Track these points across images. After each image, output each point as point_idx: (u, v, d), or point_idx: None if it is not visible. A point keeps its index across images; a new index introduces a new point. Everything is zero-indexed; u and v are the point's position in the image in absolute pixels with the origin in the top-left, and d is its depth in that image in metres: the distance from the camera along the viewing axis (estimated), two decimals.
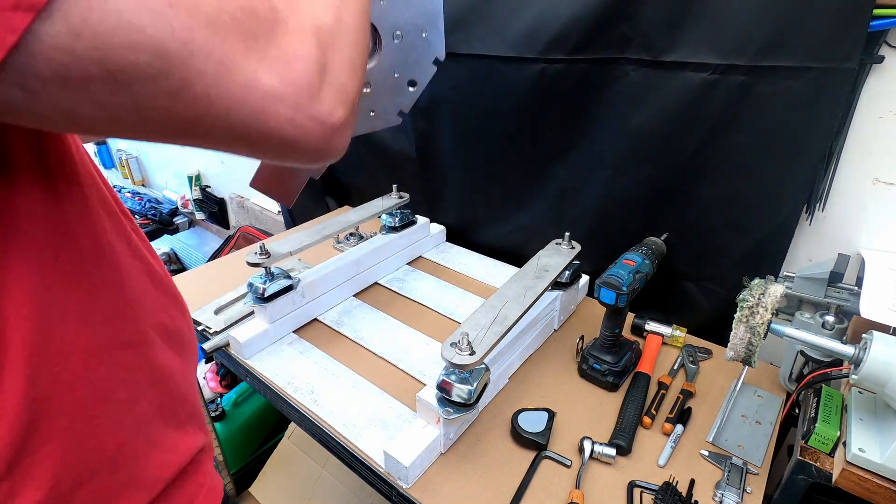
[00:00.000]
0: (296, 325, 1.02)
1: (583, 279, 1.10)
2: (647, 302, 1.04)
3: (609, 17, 0.90)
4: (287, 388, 0.88)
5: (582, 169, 1.08)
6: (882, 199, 0.84)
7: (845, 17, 0.74)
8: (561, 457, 0.77)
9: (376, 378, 0.90)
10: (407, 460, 0.71)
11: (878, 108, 0.80)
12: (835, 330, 0.80)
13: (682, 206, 0.99)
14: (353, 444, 0.79)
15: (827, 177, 0.86)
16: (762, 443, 0.79)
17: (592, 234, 1.10)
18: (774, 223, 0.92)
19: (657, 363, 0.95)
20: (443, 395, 0.73)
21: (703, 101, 0.88)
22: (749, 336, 0.67)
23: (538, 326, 0.97)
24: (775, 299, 0.68)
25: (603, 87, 0.98)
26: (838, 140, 0.83)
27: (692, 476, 0.75)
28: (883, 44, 0.76)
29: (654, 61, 0.90)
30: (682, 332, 0.99)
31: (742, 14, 0.80)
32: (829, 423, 0.67)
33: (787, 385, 0.88)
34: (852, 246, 0.89)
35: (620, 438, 0.78)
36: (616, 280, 0.83)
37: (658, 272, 0.92)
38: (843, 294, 0.83)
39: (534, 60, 1.00)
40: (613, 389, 0.89)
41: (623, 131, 0.99)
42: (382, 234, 1.20)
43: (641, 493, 0.73)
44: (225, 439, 1.39)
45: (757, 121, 0.86)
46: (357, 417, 0.83)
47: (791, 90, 0.81)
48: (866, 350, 0.60)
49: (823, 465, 0.66)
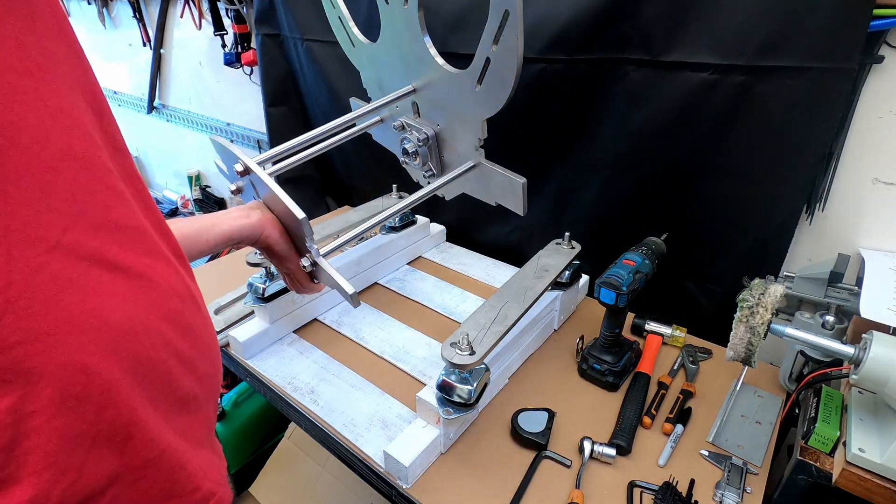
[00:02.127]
0: (296, 325, 1.02)
1: (583, 279, 1.10)
2: (647, 302, 1.04)
3: (609, 17, 0.90)
4: (287, 388, 0.88)
5: (582, 169, 1.08)
6: (882, 199, 0.84)
7: (845, 17, 0.74)
8: (561, 457, 0.77)
9: (376, 378, 0.90)
10: (407, 460, 0.71)
11: (878, 108, 0.80)
12: (835, 330, 0.80)
13: (682, 206, 0.99)
14: (353, 444, 0.79)
15: (827, 177, 0.87)
16: (762, 443, 0.79)
17: (592, 234, 1.10)
18: (774, 223, 0.92)
19: (657, 363, 0.95)
20: (443, 395, 0.73)
21: (703, 101, 0.88)
22: (749, 336, 0.67)
23: (538, 326, 0.97)
24: (775, 299, 0.68)
25: (603, 87, 0.98)
26: (838, 140, 0.83)
27: (692, 476, 0.75)
28: (883, 44, 0.76)
29: (654, 61, 0.90)
30: (682, 332, 0.99)
31: (742, 14, 0.80)
32: (829, 423, 0.67)
33: (787, 385, 0.88)
34: (852, 246, 0.89)
35: (620, 438, 0.78)
36: (616, 280, 0.83)
37: (658, 272, 0.92)
38: (843, 294, 0.83)
39: (534, 60, 1.00)
40: (613, 389, 0.89)
41: (623, 131, 0.99)
42: (382, 233, 1.20)
43: (641, 493, 0.73)
44: (225, 439, 1.39)
45: (757, 121, 0.86)
46: (357, 417, 0.83)
47: (791, 90, 0.81)
48: (866, 350, 0.60)
49: (823, 465, 0.66)
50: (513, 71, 0.70)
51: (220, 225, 0.61)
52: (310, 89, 1.50)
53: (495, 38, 0.69)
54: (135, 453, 0.33)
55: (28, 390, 0.28)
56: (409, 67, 0.85)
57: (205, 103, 2.08)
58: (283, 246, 0.65)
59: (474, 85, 0.76)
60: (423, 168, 0.93)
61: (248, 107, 1.84)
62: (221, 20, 1.66)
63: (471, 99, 0.78)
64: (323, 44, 1.36)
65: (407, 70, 0.86)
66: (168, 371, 0.36)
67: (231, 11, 1.59)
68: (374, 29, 0.88)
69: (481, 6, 1.04)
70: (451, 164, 0.91)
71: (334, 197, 1.68)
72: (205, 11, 1.72)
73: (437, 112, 0.87)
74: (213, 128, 2.07)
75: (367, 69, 0.96)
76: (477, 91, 0.76)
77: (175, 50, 2.06)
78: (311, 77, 1.45)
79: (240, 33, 1.62)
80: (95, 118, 0.33)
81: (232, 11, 1.59)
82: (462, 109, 0.81)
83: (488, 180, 0.87)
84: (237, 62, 1.67)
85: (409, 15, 0.78)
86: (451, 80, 0.80)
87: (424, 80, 0.85)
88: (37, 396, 0.28)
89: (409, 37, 0.81)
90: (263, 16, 1.46)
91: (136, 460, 0.33)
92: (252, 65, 1.65)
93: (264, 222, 0.63)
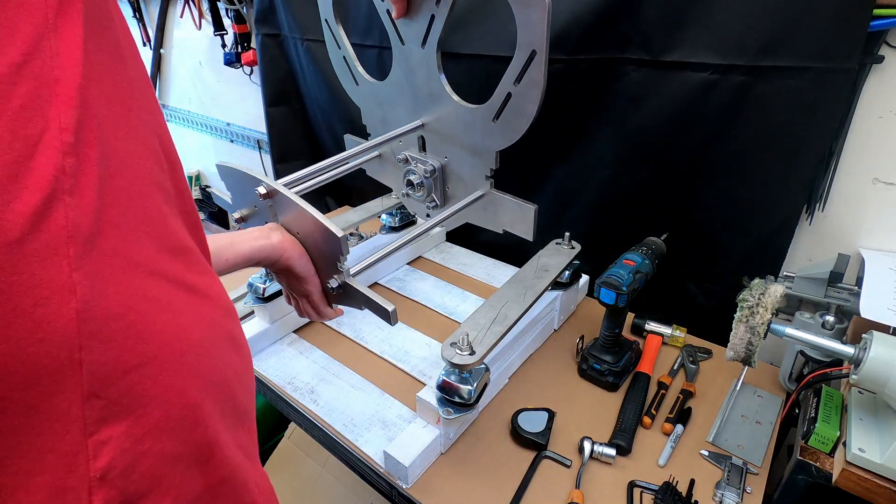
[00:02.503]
0: (296, 325, 1.02)
1: (583, 279, 1.10)
2: (647, 302, 1.04)
3: (609, 16, 0.90)
4: (287, 388, 0.88)
5: (582, 169, 1.08)
6: (882, 199, 0.84)
7: (845, 17, 0.74)
8: (561, 457, 0.77)
9: (376, 378, 0.90)
10: (407, 460, 0.71)
11: (878, 108, 0.80)
12: (835, 330, 0.80)
13: (682, 206, 0.99)
14: (353, 444, 0.79)
15: (827, 177, 0.87)
16: (762, 443, 0.79)
17: (592, 234, 1.10)
18: (774, 223, 0.92)
19: (657, 363, 0.95)
20: (443, 395, 0.73)
21: (703, 101, 0.88)
22: (749, 336, 0.67)
23: (538, 326, 0.97)
24: (775, 299, 0.68)
25: (603, 87, 0.98)
26: (838, 140, 0.83)
27: (692, 476, 0.75)
28: (883, 44, 0.76)
29: (654, 61, 0.90)
30: (682, 332, 0.99)
31: (742, 14, 0.80)
32: (829, 423, 0.67)
33: (787, 385, 0.88)
34: (852, 246, 0.88)
35: (620, 438, 0.78)
36: (616, 280, 0.83)
37: (658, 272, 0.92)
38: (843, 294, 0.83)
39: None
40: (613, 389, 0.89)
41: (623, 131, 0.99)
42: (382, 233, 1.20)
43: (641, 493, 0.73)
44: None
45: (757, 121, 0.86)
46: (357, 417, 0.83)
47: (791, 90, 0.81)
48: (866, 350, 0.60)
49: (823, 465, 0.66)
50: (535, 104, 0.72)
51: (240, 245, 0.60)
52: (310, 89, 1.50)
53: (518, 77, 0.71)
54: (213, 472, 0.33)
55: (140, 413, 0.28)
56: (418, 103, 0.87)
57: (205, 103, 2.08)
58: (304, 267, 0.64)
59: (490, 118, 0.78)
60: (427, 199, 0.95)
61: (248, 107, 1.84)
62: (221, 20, 1.66)
63: (485, 132, 0.80)
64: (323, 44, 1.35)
65: (416, 106, 0.88)
66: (231, 387, 0.36)
67: (231, 11, 1.59)
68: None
69: (481, 6, 1.04)
70: (456, 194, 0.93)
71: (334, 197, 1.68)
72: (205, 11, 1.73)
73: (446, 145, 0.88)
74: (214, 128, 2.07)
75: (370, 106, 0.98)
76: (493, 124, 0.78)
77: (175, 50, 2.06)
78: (311, 77, 1.45)
79: (240, 33, 1.62)
80: (158, 139, 0.34)
81: (232, 11, 1.59)
82: (475, 142, 0.83)
83: (496, 208, 0.89)
84: (237, 62, 1.67)
85: (426, 55, 0.81)
86: (465, 114, 0.82)
87: (435, 114, 0.87)
88: (147, 419, 0.28)
89: (424, 75, 0.83)
90: (263, 16, 1.46)
91: (213, 479, 0.33)
92: (252, 65, 1.65)
93: (285, 243, 0.62)
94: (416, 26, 0.80)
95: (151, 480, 0.29)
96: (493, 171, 0.85)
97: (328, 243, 0.61)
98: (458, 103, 0.82)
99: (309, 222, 0.61)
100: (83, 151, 0.25)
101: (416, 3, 0.78)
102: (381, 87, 0.93)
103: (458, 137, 0.85)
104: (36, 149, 0.23)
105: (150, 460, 0.29)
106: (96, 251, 0.26)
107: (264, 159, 1.90)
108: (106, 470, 0.27)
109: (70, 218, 0.24)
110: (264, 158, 1.90)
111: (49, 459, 0.25)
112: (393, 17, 0.81)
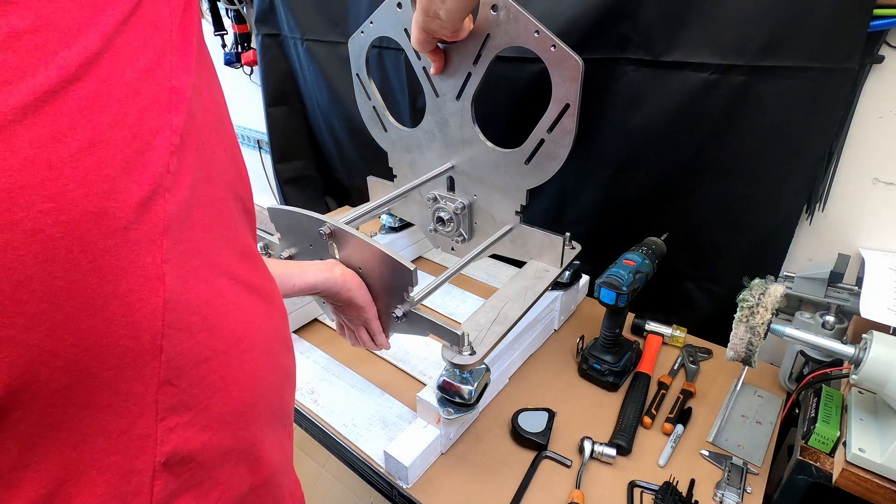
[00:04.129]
0: (296, 325, 1.02)
1: (583, 279, 1.10)
2: (647, 302, 1.04)
3: (609, 16, 0.90)
4: None
5: (582, 169, 1.08)
6: (882, 199, 0.84)
7: (845, 17, 0.74)
8: (561, 457, 0.77)
9: (376, 378, 0.90)
10: (407, 460, 0.71)
11: (878, 108, 0.80)
12: (835, 330, 0.80)
13: (682, 206, 0.99)
14: (353, 444, 0.79)
15: (827, 177, 0.86)
16: (762, 443, 0.79)
17: (592, 234, 1.10)
18: (774, 223, 0.92)
19: (657, 363, 0.95)
20: (443, 395, 0.73)
21: (703, 101, 0.88)
22: (749, 336, 0.67)
23: (538, 326, 0.97)
24: (775, 299, 0.68)
25: (603, 87, 0.98)
26: (838, 140, 0.83)
27: (692, 476, 0.75)
28: (883, 44, 0.76)
29: (654, 61, 0.90)
30: (682, 332, 0.99)
31: (742, 14, 0.80)
32: (829, 423, 0.68)
33: (787, 385, 0.88)
34: (852, 246, 0.88)
35: (620, 438, 0.78)
36: (616, 280, 0.83)
37: (658, 272, 0.92)
38: (843, 294, 0.83)
39: (534, 60, 1.00)
40: (613, 389, 0.89)
41: (623, 131, 0.99)
42: (382, 234, 1.20)
43: (641, 493, 0.73)
44: None
45: (757, 121, 0.86)
46: (357, 417, 0.83)
47: (791, 90, 0.81)
48: (866, 350, 0.60)
49: (823, 465, 0.66)
50: (567, 149, 0.77)
51: (309, 273, 0.64)
52: (310, 89, 1.50)
53: (552, 126, 0.77)
54: (258, 471, 0.34)
55: (204, 405, 0.29)
56: (449, 148, 0.91)
57: None
58: (363, 297, 0.68)
59: (522, 161, 0.82)
60: (455, 234, 0.98)
61: (248, 107, 1.84)
62: (221, 20, 1.66)
63: (517, 173, 0.85)
64: (323, 44, 1.36)
65: (447, 150, 0.92)
66: (280, 388, 0.37)
67: (231, 11, 1.59)
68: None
69: None
70: (483, 228, 0.96)
71: (334, 197, 1.68)
72: (205, 11, 1.72)
73: (475, 184, 0.92)
74: None
75: (398, 151, 1.01)
76: (524, 166, 0.82)
77: None
78: (311, 77, 1.45)
79: (240, 33, 1.61)
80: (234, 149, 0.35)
81: (232, 11, 1.59)
82: (505, 182, 0.87)
83: (524, 241, 0.92)
84: (237, 62, 1.67)
85: (461, 107, 0.85)
86: (497, 157, 0.86)
87: (465, 157, 0.90)
88: (209, 412, 0.29)
89: (457, 123, 0.87)
90: (263, 16, 1.46)
91: (257, 479, 0.34)
92: (252, 65, 1.65)
93: (346, 276, 0.66)
94: (451, 82, 0.84)
95: (203, 472, 0.30)
96: (522, 206, 0.89)
97: (397, 276, 0.65)
98: (493, 149, 0.86)
99: (376, 256, 0.65)
100: (185, 153, 0.27)
101: (455, 62, 0.81)
102: (411, 134, 0.96)
103: (489, 178, 0.89)
104: (150, 145, 0.26)
105: (208, 452, 0.30)
106: (182, 246, 0.27)
107: (264, 159, 1.90)
108: (170, 455, 0.28)
109: (167, 212, 0.26)
110: (264, 158, 1.90)
111: (122, 440, 0.26)
112: (430, 74, 0.84)
